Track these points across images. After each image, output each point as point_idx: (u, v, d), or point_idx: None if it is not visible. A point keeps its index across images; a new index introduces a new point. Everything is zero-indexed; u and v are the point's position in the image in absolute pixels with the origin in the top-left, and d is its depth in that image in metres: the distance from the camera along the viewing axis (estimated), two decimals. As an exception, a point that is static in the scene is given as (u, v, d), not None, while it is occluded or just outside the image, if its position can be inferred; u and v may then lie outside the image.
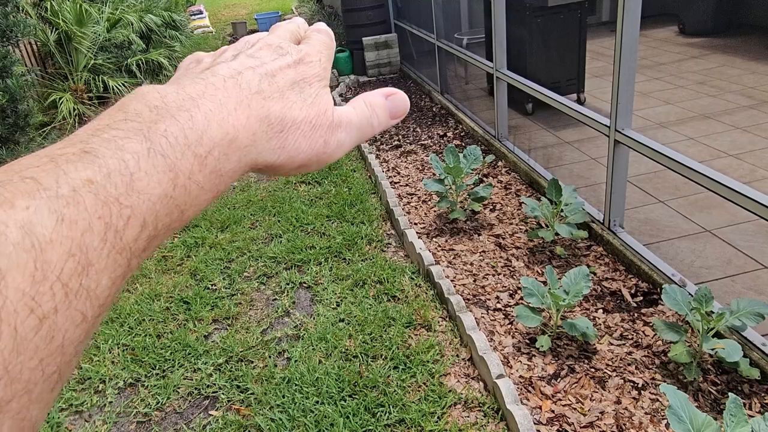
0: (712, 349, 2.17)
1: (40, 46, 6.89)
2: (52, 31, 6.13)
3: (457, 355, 2.58)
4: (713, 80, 5.28)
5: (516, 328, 2.68)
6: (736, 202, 2.28)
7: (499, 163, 4.44)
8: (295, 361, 2.67)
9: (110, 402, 2.60)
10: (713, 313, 2.18)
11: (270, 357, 2.73)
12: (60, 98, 5.77)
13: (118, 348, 2.94)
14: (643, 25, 2.78)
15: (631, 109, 2.87)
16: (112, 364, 2.83)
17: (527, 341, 2.59)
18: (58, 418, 2.53)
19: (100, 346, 2.95)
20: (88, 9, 6.18)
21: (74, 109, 5.81)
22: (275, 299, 3.19)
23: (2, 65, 4.45)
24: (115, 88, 6.34)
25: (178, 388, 2.62)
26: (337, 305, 3.06)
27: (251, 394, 2.51)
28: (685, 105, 4.80)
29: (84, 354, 2.91)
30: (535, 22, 4.74)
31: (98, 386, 2.70)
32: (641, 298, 2.76)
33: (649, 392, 2.24)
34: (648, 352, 2.43)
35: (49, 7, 6.11)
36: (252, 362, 2.72)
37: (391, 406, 2.33)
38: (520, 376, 2.40)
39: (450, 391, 2.39)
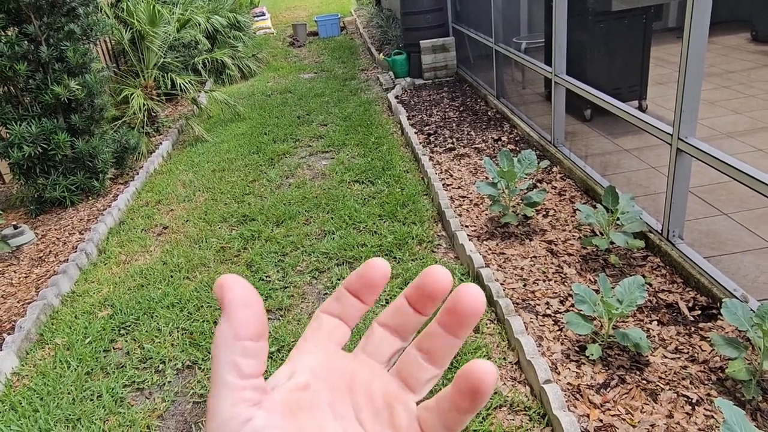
0: (774, 368, 2.09)
1: (114, 45, 7.29)
2: (126, 31, 6.48)
3: (504, 358, 2.59)
4: (787, 90, 5.03)
5: (565, 335, 2.66)
6: (806, 217, 2.18)
7: (554, 169, 4.39)
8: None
9: (169, 381, 2.75)
10: (776, 330, 2.10)
11: (320, 349, 2.81)
12: (131, 94, 6.09)
13: (178, 331, 3.09)
14: (712, 32, 2.70)
15: (695, 116, 2.79)
16: (172, 346, 2.99)
17: (576, 349, 2.57)
18: (122, 393, 2.69)
19: (161, 328, 3.12)
20: (161, 10, 6.50)
21: (144, 105, 6.13)
22: (326, 293, 3.28)
23: (83, 61, 4.75)
24: (182, 85, 6.64)
25: (232, 372, 2.74)
26: (387, 303, 3.11)
27: (301, 383, 2.60)
28: (754, 115, 4.60)
29: (146, 335, 3.08)
30: (597, 26, 4.66)
31: (158, 366, 2.86)
32: (699, 312, 2.68)
33: (704, 408, 2.18)
34: (704, 368, 2.36)
35: (125, 8, 6.47)
36: (302, 353, 2.81)
37: (436, 404, 2.36)
38: (568, 383, 2.39)
39: (496, 393, 2.39)
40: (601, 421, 2.19)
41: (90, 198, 4.97)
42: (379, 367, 0.34)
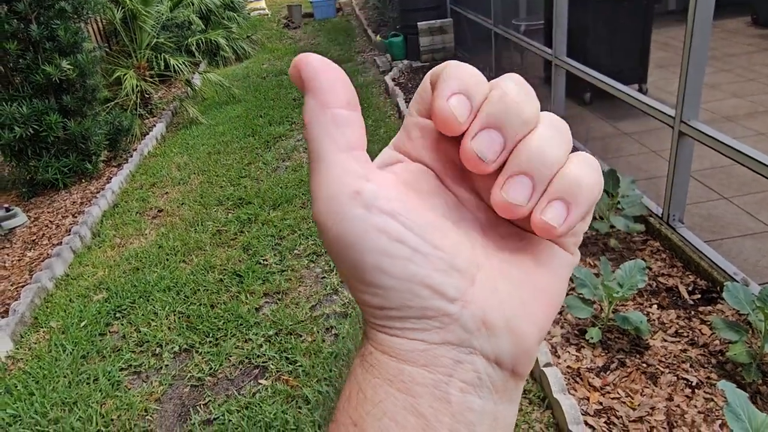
0: (775, 351, 2.09)
1: (105, 24, 7.14)
2: (118, 9, 6.34)
3: (504, 342, 2.57)
4: (787, 74, 5.00)
5: (565, 319, 2.65)
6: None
7: (553, 153, 4.35)
8: (343, 337, 2.73)
9: (166, 365, 2.73)
10: (778, 314, 2.09)
11: (318, 332, 2.79)
12: (124, 75, 5.99)
13: (175, 315, 3.07)
14: (713, 15, 2.66)
15: (699, 99, 2.76)
16: (169, 330, 2.96)
17: (576, 332, 2.56)
18: (119, 376, 2.67)
19: (158, 312, 3.09)
20: (153, -12, 6.37)
21: (137, 86, 6.03)
22: (324, 277, 3.25)
23: (74, 41, 4.65)
24: (175, 66, 6.53)
25: (230, 356, 2.72)
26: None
27: (299, 366, 2.58)
28: (755, 99, 4.57)
29: (142, 318, 3.05)
30: (598, 8, 4.59)
31: (156, 350, 2.83)
32: (699, 295, 2.67)
33: (704, 391, 2.18)
34: (704, 351, 2.36)
35: (116, -14, 6.33)
36: (301, 336, 2.79)
37: (436, 387, 2.35)
38: (568, 367, 2.38)
39: (496, 376, 2.39)
40: (601, 404, 2.19)
41: (83, 180, 4.90)
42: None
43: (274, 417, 2.32)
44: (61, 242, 3.83)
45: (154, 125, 6.07)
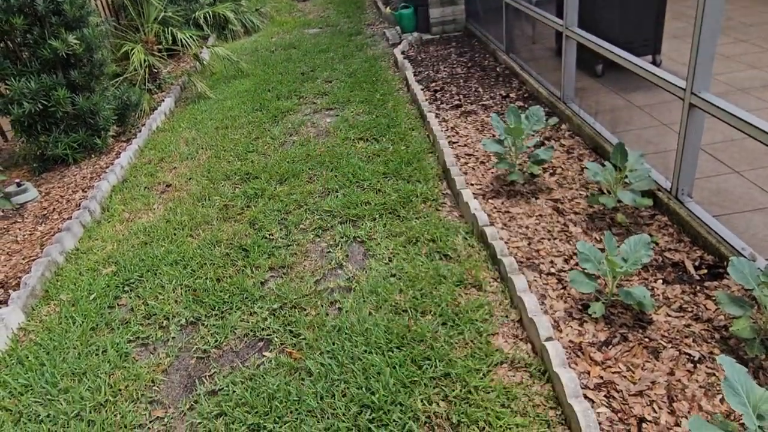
0: (779, 327, 2.06)
1: (114, -1, 7.10)
2: (125, -17, 6.31)
3: (507, 316, 2.58)
4: (808, 44, 4.84)
5: (569, 294, 2.64)
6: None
7: (563, 126, 4.29)
8: (346, 311, 2.74)
9: (173, 337, 2.77)
10: (784, 289, 2.06)
11: (322, 306, 2.81)
12: (132, 49, 5.98)
13: (181, 288, 3.10)
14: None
15: (710, 70, 2.69)
16: (176, 303, 3.00)
17: (579, 307, 2.55)
18: (127, 348, 2.72)
19: (165, 285, 3.13)
20: (159, -39, 6.31)
21: (145, 61, 6.02)
22: (329, 252, 3.27)
23: (80, 15, 4.63)
24: (183, 40, 6.50)
25: (235, 329, 2.76)
26: (390, 260, 3.09)
27: (303, 339, 2.61)
28: (772, 70, 4.44)
29: (150, 292, 3.09)
30: (611, -24, 4.46)
31: (162, 322, 2.88)
32: (705, 271, 2.64)
33: (706, 366, 2.17)
34: (708, 326, 2.34)
35: (122, -41, 6.27)
36: (305, 310, 2.81)
37: (437, 360, 2.37)
38: (570, 341, 2.38)
39: (497, 350, 2.39)
40: (601, 378, 2.19)
41: (92, 155, 4.94)
42: None
43: (278, 388, 2.36)
44: (72, 217, 3.88)
45: (163, 100, 6.07)
